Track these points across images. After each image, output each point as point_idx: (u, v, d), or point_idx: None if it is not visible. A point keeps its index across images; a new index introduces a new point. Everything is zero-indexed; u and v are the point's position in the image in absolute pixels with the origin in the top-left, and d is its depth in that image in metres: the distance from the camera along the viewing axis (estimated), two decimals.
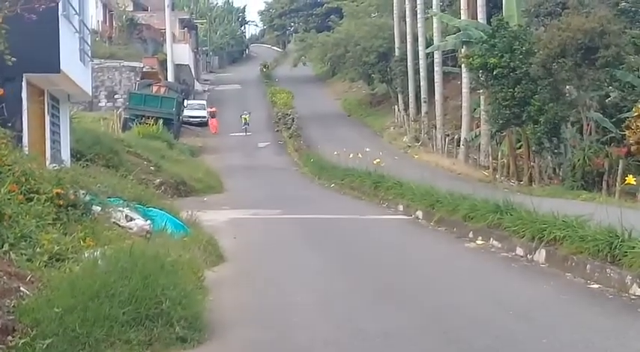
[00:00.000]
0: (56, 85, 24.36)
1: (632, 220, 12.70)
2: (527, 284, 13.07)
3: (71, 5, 23.66)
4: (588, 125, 40.71)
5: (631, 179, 29.27)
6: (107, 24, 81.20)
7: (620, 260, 11.98)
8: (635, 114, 35.43)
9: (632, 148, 35.28)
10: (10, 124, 18.22)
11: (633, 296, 11.10)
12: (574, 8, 41.56)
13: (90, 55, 29.48)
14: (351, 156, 42.49)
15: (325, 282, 13.78)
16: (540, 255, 14.84)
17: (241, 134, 69.22)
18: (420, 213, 24.38)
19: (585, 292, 11.98)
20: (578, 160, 39.50)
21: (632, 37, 41.74)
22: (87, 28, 29.08)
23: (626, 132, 35.99)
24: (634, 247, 11.66)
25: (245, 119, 69.68)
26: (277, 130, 68.04)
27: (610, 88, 41.10)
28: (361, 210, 27.98)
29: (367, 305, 11.56)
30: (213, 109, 70.59)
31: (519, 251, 15.80)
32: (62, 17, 21.83)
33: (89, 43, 29.21)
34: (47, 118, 24.30)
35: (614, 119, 40.59)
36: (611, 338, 9.08)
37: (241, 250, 17.49)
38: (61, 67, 22.00)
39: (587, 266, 12.87)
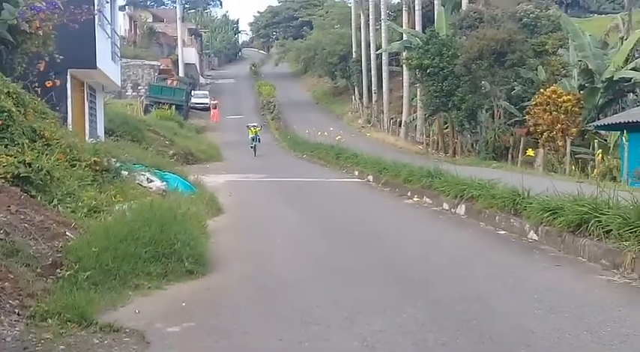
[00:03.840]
0: (93, 78, 24.30)
1: (530, 183, 12.80)
2: (451, 231, 13.16)
3: (105, 17, 23.60)
4: (498, 111, 41.06)
5: (530, 152, 29.54)
6: (132, 32, 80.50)
7: (520, 212, 12.07)
8: (534, 102, 35.63)
9: (531, 129, 35.53)
10: (58, 108, 18.35)
11: (530, 240, 11.20)
12: (488, 22, 41.83)
13: (119, 55, 29.41)
14: (318, 134, 42.56)
15: (299, 229, 13.82)
16: (461, 209, 14.94)
17: (236, 116, 62.99)
18: (370, 177, 24.43)
19: (495, 237, 12.08)
20: (490, 138, 39.90)
21: (532, 45, 42.05)
22: (117, 34, 29.00)
23: (527, 117, 36.19)
24: (531, 203, 11.75)
25: (255, 132, 43.33)
26: (262, 114, 67.35)
27: (515, 83, 41.33)
28: (326, 175, 28.04)
29: (331, 247, 11.59)
30: (215, 102, 67.82)
31: (445, 206, 15.90)
32: (98, 26, 21.77)
33: (118, 46, 29.12)
34: (86, 104, 24.23)
35: (517, 106, 40.82)
36: (514, 271, 9.16)
37: (235, 205, 17.46)
38: (97, 64, 22.02)
39: (496, 217, 12.98)
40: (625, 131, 30.80)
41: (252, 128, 43.78)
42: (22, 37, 6.49)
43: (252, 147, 42.28)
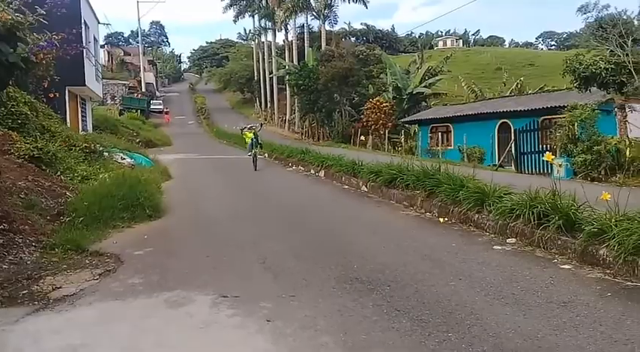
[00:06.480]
0: (83, 92, 23.22)
1: (363, 157, 13.20)
2: (317, 186, 13.32)
3: (90, 51, 22.51)
4: (345, 113, 41.54)
5: (363, 138, 29.82)
6: (110, 62, 76.67)
7: (357, 174, 12.39)
8: (366, 107, 36.31)
9: (364, 123, 36.23)
10: (59, 112, 17.83)
11: (363, 191, 11.52)
12: (338, 57, 42.01)
13: (100, 77, 28.16)
14: (234, 127, 41.79)
15: (221, 188, 13.71)
16: (322, 173, 15.17)
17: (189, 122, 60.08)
18: (266, 155, 24.28)
19: (343, 189, 12.34)
20: (340, 129, 40.38)
21: (365, 72, 42.66)
22: (99, 63, 27.63)
23: (362, 116, 36.89)
24: (363, 168, 12.09)
25: (249, 136, 18.73)
26: (198, 115, 65.54)
27: (355, 95, 41.92)
28: (237, 154, 27.52)
29: (241, 198, 11.58)
30: (167, 109, 64.79)
31: (312, 171, 16.10)
32: (85, 58, 20.82)
33: (100, 71, 27.83)
34: (79, 109, 23.20)
35: (356, 110, 41.43)
36: (354, 209, 9.43)
37: (180, 173, 17.07)
38: (85, 83, 21.13)
39: (343, 177, 13.26)
40: (418, 124, 32.03)
41: (246, 132, 19.97)
42: (31, 65, 6.16)
43: (249, 155, 18.20)
